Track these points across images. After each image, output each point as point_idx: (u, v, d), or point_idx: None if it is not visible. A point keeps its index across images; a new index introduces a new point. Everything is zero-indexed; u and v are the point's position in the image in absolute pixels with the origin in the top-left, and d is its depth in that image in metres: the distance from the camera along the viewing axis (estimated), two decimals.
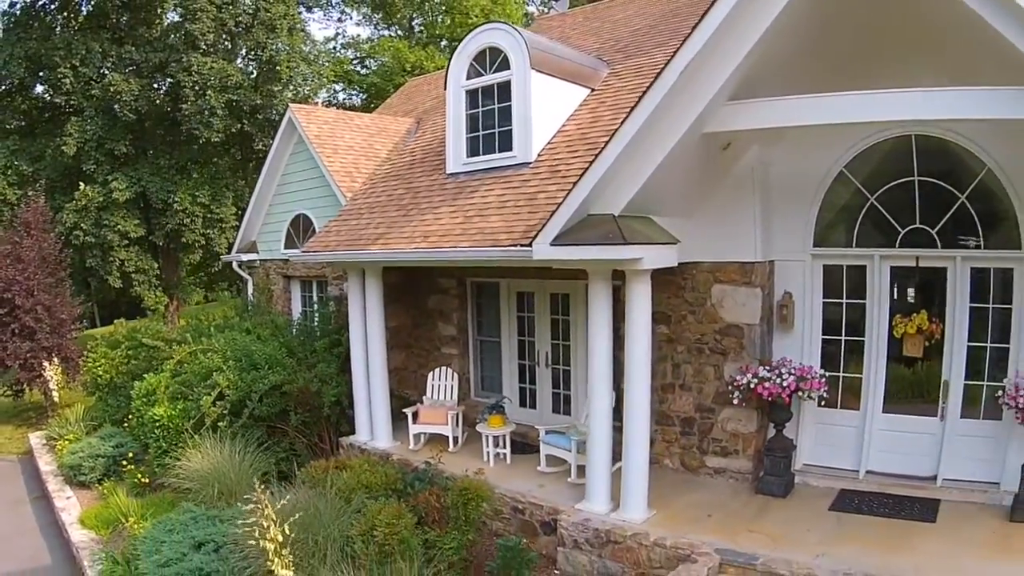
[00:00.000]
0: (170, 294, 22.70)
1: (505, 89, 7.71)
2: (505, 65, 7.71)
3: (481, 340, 9.62)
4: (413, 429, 8.39)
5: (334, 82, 25.15)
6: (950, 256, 6.40)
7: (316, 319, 10.70)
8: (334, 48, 28.62)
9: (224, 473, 7.59)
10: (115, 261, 21.38)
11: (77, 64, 21.41)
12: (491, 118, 7.94)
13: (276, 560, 4.69)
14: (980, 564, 5.27)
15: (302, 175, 12.01)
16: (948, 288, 6.47)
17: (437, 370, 9.02)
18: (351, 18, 28.43)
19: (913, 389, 6.84)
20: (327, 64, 23.72)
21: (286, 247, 12.50)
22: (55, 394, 13.30)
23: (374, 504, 5.97)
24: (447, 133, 8.43)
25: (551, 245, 5.80)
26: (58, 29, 22.57)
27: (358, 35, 29.17)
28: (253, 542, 4.84)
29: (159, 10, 21.93)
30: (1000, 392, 6.03)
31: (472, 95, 8.09)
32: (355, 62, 29.14)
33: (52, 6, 22.37)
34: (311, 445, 8.91)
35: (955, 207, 6.38)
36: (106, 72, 21.37)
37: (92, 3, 22.38)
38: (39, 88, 25.15)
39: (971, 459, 6.38)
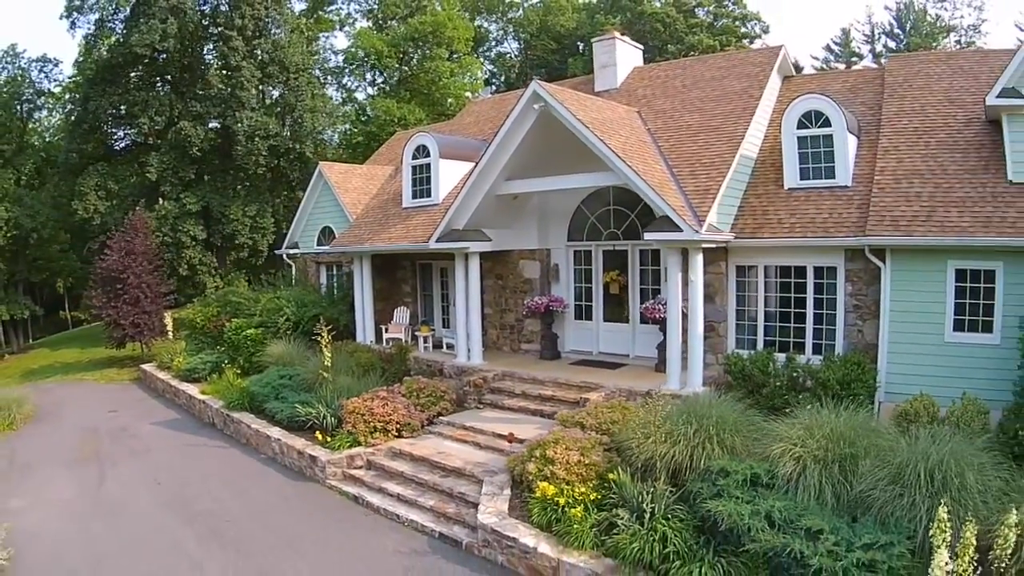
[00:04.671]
0: (224, 281, 30.40)
1: (428, 166, 15.53)
2: (428, 154, 15.52)
3: (423, 294, 17.49)
4: (385, 336, 16.21)
5: (346, 125, 33.08)
6: (627, 244, 13.98)
7: (335, 285, 18.56)
8: (352, 91, 36.52)
9: (290, 354, 15.35)
10: (185, 256, 29.01)
11: (153, 114, 29.14)
12: (422, 180, 15.75)
13: (326, 360, 12.38)
14: (604, 378, 12.63)
15: (327, 203, 19.88)
16: (629, 260, 14.07)
17: (398, 308, 16.90)
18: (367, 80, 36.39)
19: (617, 310, 14.45)
20: (339, 117, 31.62)
21: (317, 245, 20.31)
22: (170, 333, 20.88)
23: (361, 352, 13.76)
24: (402, 185, 16.25)
25: (436, 242, 13.60)
26: (132, 84, 29.89)
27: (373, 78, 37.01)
28: (309, 373, 12.58)
29: (207, 75, 29.34)
30: (641, 308, 13.52)
31: (413, 168, 15.92)
32: (363, 97, 37.23)
33: (121, 61, 29.67)
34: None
35: (628, 220, 13.93)
36: (176, 119, 29.12)
37: (159, 62, 29.65)
38: (118, 131, 32.79)
39: (646, 345, 13.90)
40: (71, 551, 9.20)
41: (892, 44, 49.54)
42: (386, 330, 16.41)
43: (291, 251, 21.61)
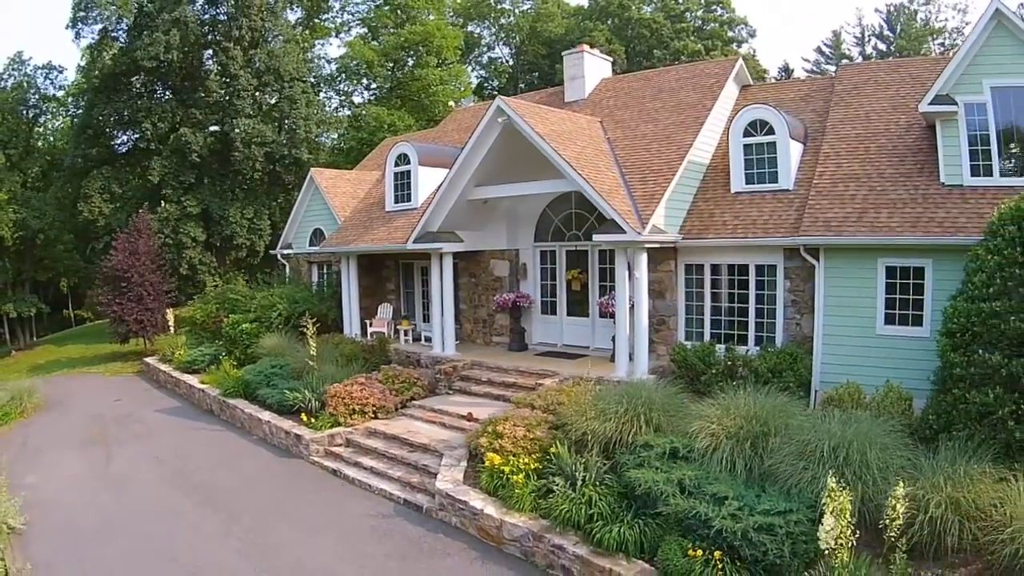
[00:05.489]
0: (223, 280, 31.66)
1: (409, 172, 16.80)
2: (408, 161, 16.78)
3: (406, 291, 18.78)
4: (369, 330, 17.50)
5: (340, 130, 34.48)
6: (587, 245, 15.20)
7: (325, 283, 19.85)
8: (346, 95, 38.03)
9: (282, 346, 16.64)
10: (185, 256, 30.23)
11: (156, 120, 30.44)
12: (403, 185, 17.03)
13: (312, 350, 13.68)
14: (562, 367, 14.00)
15: (318, 207, 21.17)
16: (589, 259, 15.31)
17: (382, 304, 18.19)
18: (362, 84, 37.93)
19: (578, 305, 15.69)
20: (332, 123, 32.95)
21: (309, 245, 21.60)
22: (171, 326, 22.23)
23: (346, 344, 15.05)
24: (385, 190, 17.53)
25: (413, 243, 14.86)
26: (136, 91, 31.15)
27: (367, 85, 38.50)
28: (298, 363, 13.87)
29: (207, 82, 30.60)
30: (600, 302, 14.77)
31: (396, 174, 17.20)
32: (359, 101, 38.71)
33: (124, 69, 30.83)
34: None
35: (588, 223, 15.15)
36: (178, 125, 30.37)
37: (162, 70, 30.77)
38: (122, 136, 34.08)
39: (605, 337, 15.11)
40: (81, 517, 10.49)
41: (882, 46, 50.56)
42: (370, 324, 17.71)
43: (285, 251, 22.93)
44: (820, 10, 68.28)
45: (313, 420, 12.87)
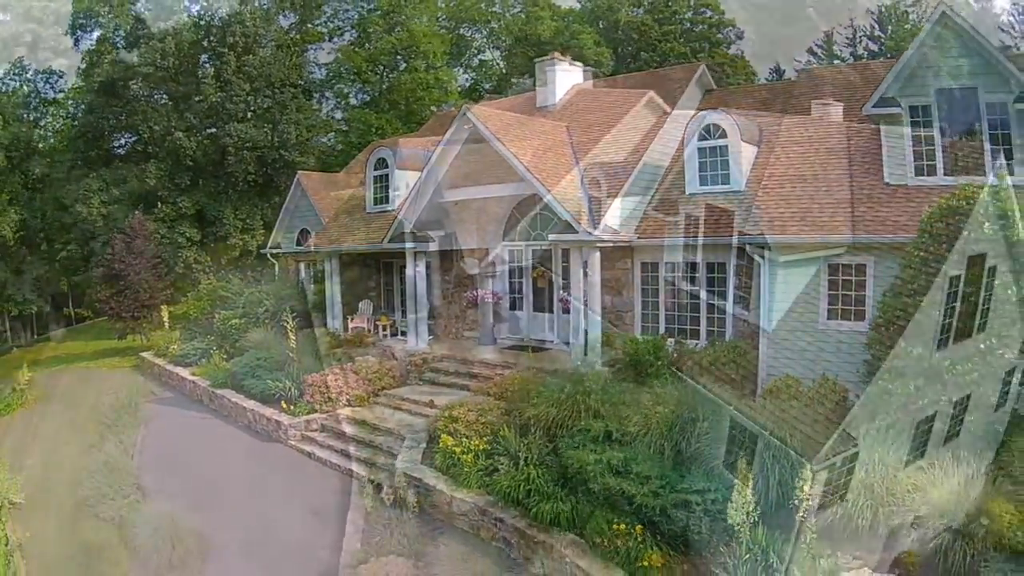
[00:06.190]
0: (217, 278, 32.61)
1: (387, 175, 17.77)
2: (386, 165, 17.75)
3: (386, 288, 19.78)
4: (350, 325, 18.50)
5: (330, 134, 35.56)
6: (551, 244, 16.02)
7: (312, 280, 20.89)
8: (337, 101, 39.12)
9: (267, 340, 17.61)
10: (181, 256, 31.19)
11: (152, 125, 31.44)
12: (382, 187, 18.02)
13: (292, 343, 14.67)
14: (524, 359, 14.92)
15: (304, 208, 22.20)
16: (552, 258, 16.22)
17: (363, 300, 19.20)
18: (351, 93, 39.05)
19: (543, 301, 16.61)
20: (321, 127, 33.98)
21: (296, 245, 22.62)
22: (166, 323, 23.27)
23: (327, 338, 16.05)
24: (366, 193, 18.52)
25: (387, 242, 15.83)
26: (132, 95, 32.12)
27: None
28: (282, 355, 14.88)
29: (201, 85, 31.56)
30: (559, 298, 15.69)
31: (375, 178, 18.17)
32: (355, 103, 39.66)
33: (122, 75, 31.85)
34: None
35: (552, 223, 16.07)
36: (173, 129, 31.27)
37: (158, 75, 31.72)
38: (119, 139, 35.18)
39: (567, 331, 16.01)
40: (75, 493, 11.50)
41: (874, 47, 51.21)
42: (351, 319, 18.69)
43: (274, 250, 23.95)
44: (815, 10, 68.77)
45: (292, 408, 13.87)
